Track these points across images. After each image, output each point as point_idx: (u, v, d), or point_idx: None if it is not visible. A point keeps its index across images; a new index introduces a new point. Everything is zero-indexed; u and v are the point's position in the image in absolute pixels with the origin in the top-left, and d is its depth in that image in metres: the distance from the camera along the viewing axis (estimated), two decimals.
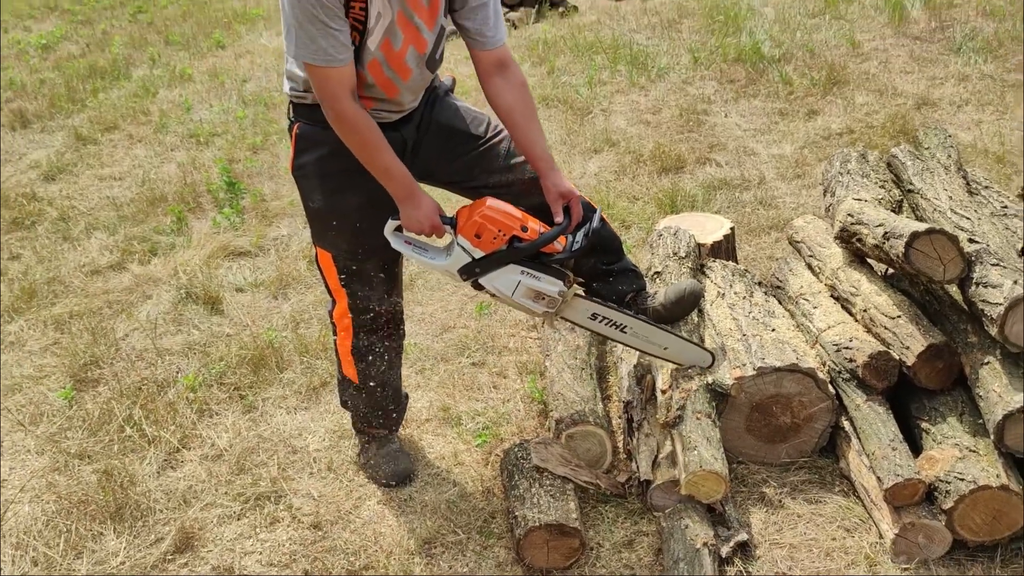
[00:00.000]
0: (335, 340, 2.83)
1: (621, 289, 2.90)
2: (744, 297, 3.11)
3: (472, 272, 2.49)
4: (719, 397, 2.72)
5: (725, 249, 3.57)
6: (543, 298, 2.51)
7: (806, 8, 7.72)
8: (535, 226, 2.46)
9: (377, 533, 2.73)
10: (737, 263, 3.53)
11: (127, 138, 6.57)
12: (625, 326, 2.67)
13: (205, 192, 5.37)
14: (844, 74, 6.14)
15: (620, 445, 2.95)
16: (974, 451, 2.42)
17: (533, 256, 2.48)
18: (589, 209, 2.65)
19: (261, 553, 2.70)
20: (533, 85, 6.34)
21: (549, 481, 2.69)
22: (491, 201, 2.46)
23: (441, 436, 3.14)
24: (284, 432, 3.20)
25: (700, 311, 3.04)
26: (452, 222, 2.48)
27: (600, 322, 2.67)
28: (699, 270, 3.29)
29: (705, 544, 2.39)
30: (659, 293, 2.91)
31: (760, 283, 3.27)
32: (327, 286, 2.74)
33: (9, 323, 4.10)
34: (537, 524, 2.51)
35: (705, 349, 2.74)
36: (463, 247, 2.46)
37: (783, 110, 5.77)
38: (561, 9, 8.95)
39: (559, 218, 2.53)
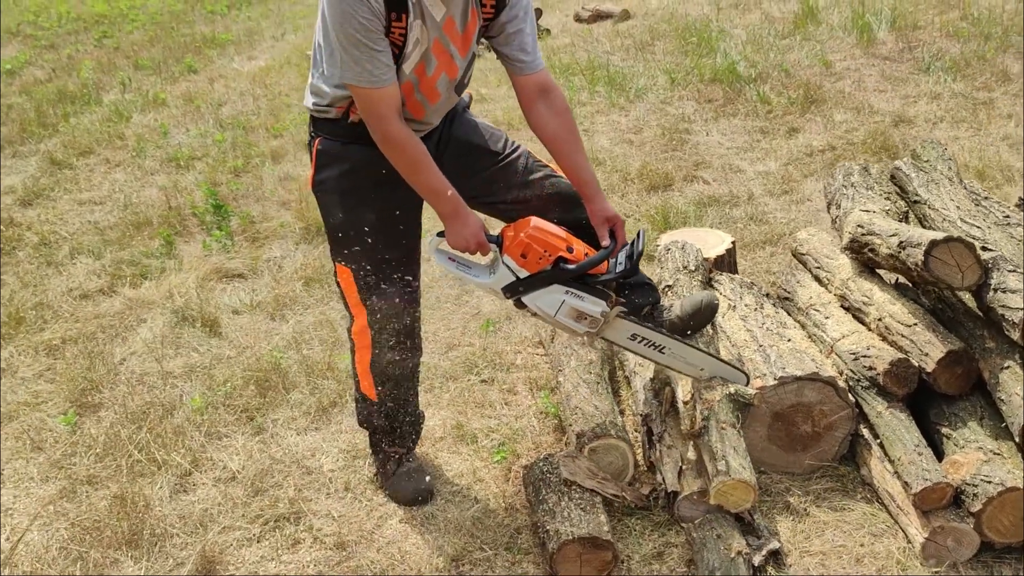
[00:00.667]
0: (353, 358, 2.81)
1: (637, 303, 2.90)
2: (755, 309, 3.15)
3: (516, 291, 2.50)
4: (741, 407, 2.75)
5: (727, 263, 3.62)
6: (586, 318, 2.51)
7: (776, 29, 7.88)
8: (580, 247, 2.48)
9: (403, 552, 2.70)
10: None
11: (104, 162, 6.48)
12: (664, 347, 2.69)
13: (191, 215, 5.31)
14: (820, 93, 6.27)
15: (640, 458, 2.95)
16: (998, 454, 2.47)
17: (578, 277, 2.48)
18: (572, 201, 2.68)
19: (286, 575, 2.66)
20: (512, 106, 6.38)
21: (578, 494, 2.68)
22: (536, 221, 2.47)
23: (457, 454, 3.12)
24: (297, 453, 3.16)
25: (712, 324, 3.06)
26: (498, 240, 2.49)
27: (640, 343, 2.68)
28: (708, 283, 3.33)
29: (739, 553, 2.40)
30: (675, 306, 2.92)
31: (767, 295, 3.31)
32: (345, 303, 2.73)
33: None
34: (571, 537, 2.50)
35: (740, 370, 2.74)
36: (508, 266, 2.47)
37: (764, 128, 5.87)
38: None
39: (605, 241, 2.56)
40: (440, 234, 2.54)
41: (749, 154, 5.50)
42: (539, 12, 9.26)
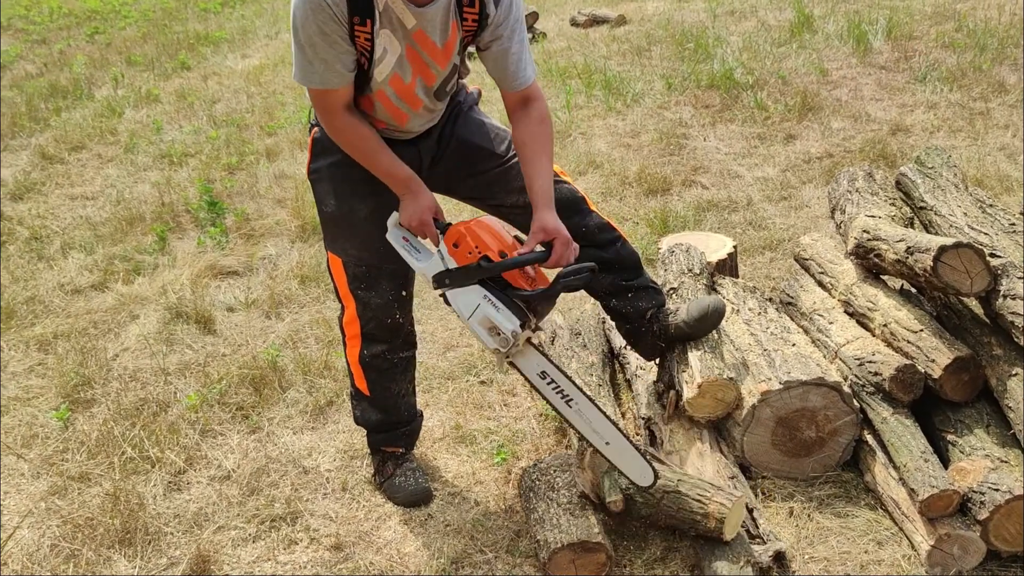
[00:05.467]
0: (345, 352, 2.81)
1: (641, 306, 2.89)
2: (759, 313, 3.12)
3: (443, 282, 2.41)
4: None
5: (729, 267, 3.60)
6: (497, 333, 2.34)
7: (772, 37, 7.88)
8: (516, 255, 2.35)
9: (401, 553, 2.67)
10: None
11: (96, 158, 6.42)
12: (572, 399, 2.47)
13: (184, 212, 5.26)
14: (817, 100, 6.26)
15: None
16: (1005, 461, 2.45)
17: (501, 284, 2.35)
18: (604, 230, 2.68)
19: None
20: None
21: (566, 499, 2.64)
22: (487, 218, 2.43)
23: (456, 455, 3.09)
24: (293, 452, 3.12)
25: (717, 328, 3.04)
26: (443, 228, 2.44)
27: (548, 383, 2.46)
28: (711, 287, 3.30)
29: (747, 560, 2.37)
30: (681, 310, 2.90)
31: (770, 299, 3.29)
32: (337, 292, 2.73)
33: None
34: (560, 545, 2.46)
35: (649, 464, 2.46)
36: (442, 254, 2.41)
37: (761, 134, 5.86)
38: (530, 35, 9.00)
39: (528, 248, 2.38)
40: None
41: (747, 160, 5.49)
42: (535, 16, 9.25)
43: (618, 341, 3.42)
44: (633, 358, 3.25)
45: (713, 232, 4.43)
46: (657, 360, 3.05)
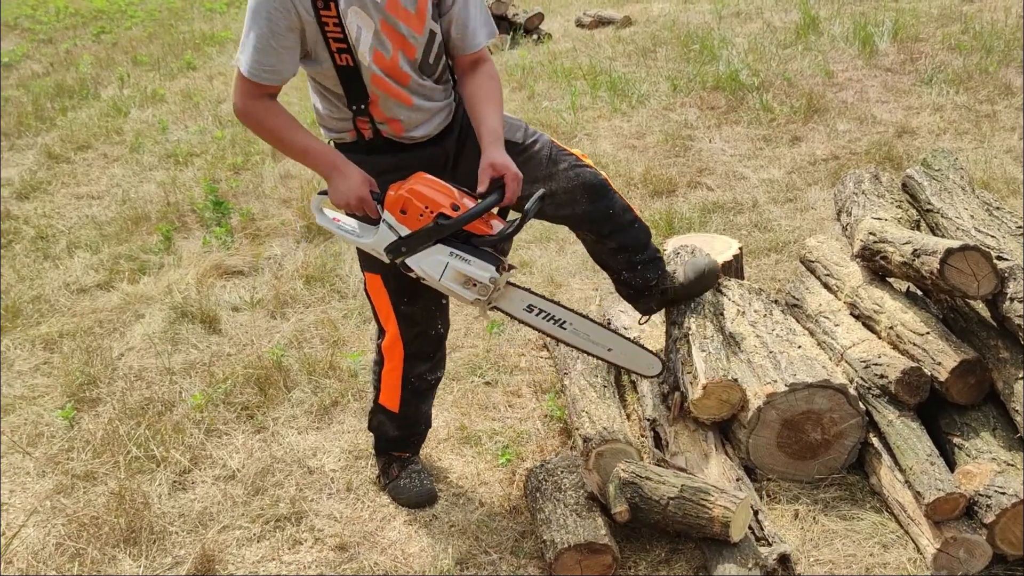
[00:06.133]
0: (379, 372, 2.78)
1: (648, 276, 2.95)
2: (764, 315, 3.12)
3: (398, 251, 2.34)
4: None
5: (734, 269, 3.59)
6: (474, 284, 2.33)
7: (777, 39, 7.87)
8: (470, 204, 2.31)
9: (406, 554, 2.66)
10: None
11: (102, 157, 6.44)
12: (564, 321, 2.52)
13: (190, 211, 5.27)
14: (823, 102, 6.25)
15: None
16: (1012, 465, 2.44)
17: (464, 237, 2.32)
18: (626, 211, 2.72)
19: None
20: (514, 110, 6.37)
21: (573, 500, 2.64)
22: (421, 175, 2.35)
23: (460, 456, 3.08)
24: (298, 452, 3.12)
25: (722, 329, 3.04)
26: (380, 198, 2.36)
27: (537, 315, 2.51)
28: (716, 288, 3.30)
29: (755, 562, 2.37)
30: (678, 272, 3.00)
31: (776, 301, 3.29)
32: (376, 316, 2.71)
33: None
34: (567, 546, 2.46)
35: (653, 354, 2.61)
36: (389, 223, 2.32)
37: (767, 136, 5.85)
38: (535, 36, 9.01)
39: (482, 188, 2.34)
40: (324, 192, 2.43)
41: (752, 161, 5.48)
42: (540, 16, 9.26)
43: None
44: None
45: (718, 234, 4.42)
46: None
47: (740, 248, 3.64)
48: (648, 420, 3.01)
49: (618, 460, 2.80)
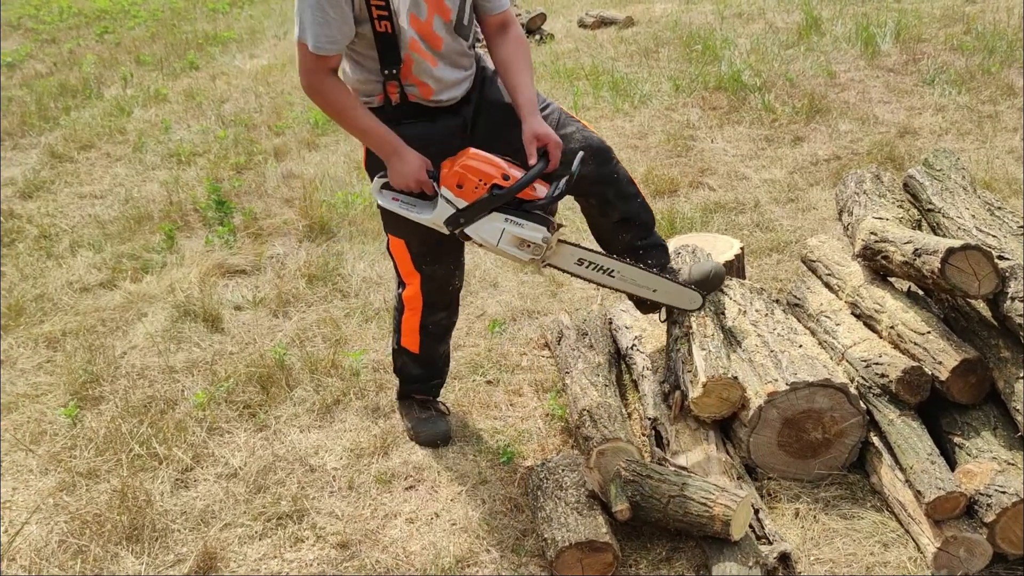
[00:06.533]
0: (400, 317, 3.00)
1: (651, 264, 2.99)
2: (765, 314, 3.12)
3: (457, 223, 2.55)
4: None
5: (736, 268, 3.60)
6: (528, 245, 2.56)
7: (779, 39, 7.87)
8: (517, 174, 2.51)
9: (407, 552, 2.67)
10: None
11: (105, 156, 6.45)
12: (612, 270, 2.75)
13: (192, 211, 5.28)
14: (825, 103, 6.26)
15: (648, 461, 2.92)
16: (1012, 464, 2.45)
17: (516, 204, 2.53)
18: (628, 183, 2.84)
19: (288, 574, 2.62)
20: None
21: (574, 498, 2.65)
22: (472, 151, 2.54)
23: (462, 454, 3.09)
24: (300, 451, 3.13)
25: (723, 328, 3.05)
26: (435, 176, 2.56)
27: (587, 267, 2.73)
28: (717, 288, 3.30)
29: (756, 560, 2.37)
30: (683, 270, 3.06)
31: (777, 301, 3.29)
32: (398, 271, 2.92)
33: None
34: (568, 544, 2.47)
35: (694, 290, 2.84)
36: (446, 198, 2.53)
37: (769, 136, 5.85)
38: (538, 36, 9.01)
39: (532, 160, 2.55)
40: (383, 175, 2.62)
41: (754, 162, 5.49)
42: (543, 17, 9.26)
43: (624, 342, 3.42)
44: (640, 359, 3.26)
45: (720, 233, 4.43)
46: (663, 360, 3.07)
47: (742, 248, 3.65)
48: (649, 419, 3.01)
49: (619, 459, 2.80)
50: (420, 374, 3.11)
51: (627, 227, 2.92)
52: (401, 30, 2.46)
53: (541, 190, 2.55)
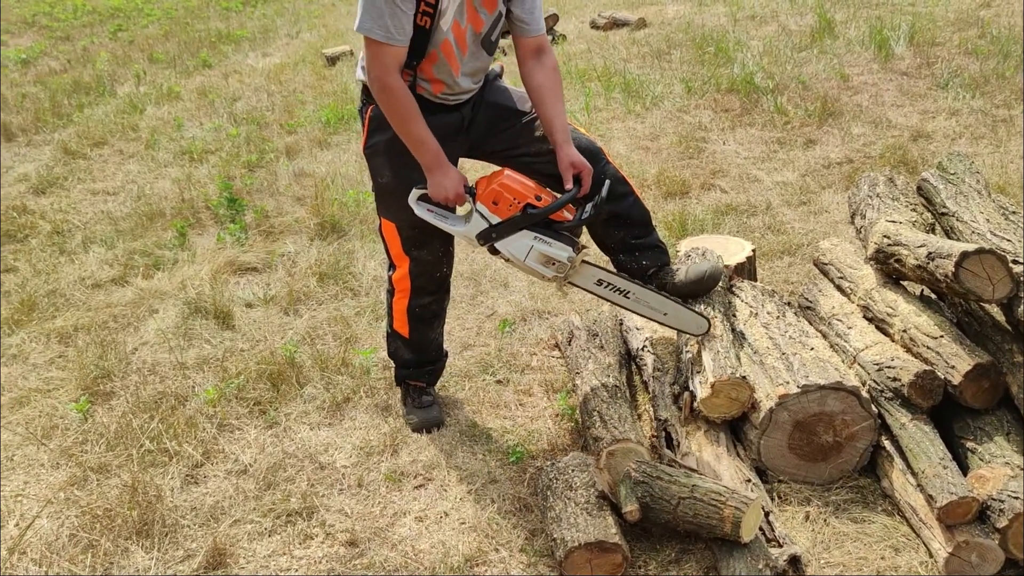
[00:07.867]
0: (391, 300, 3.10)
1: (645, 264, 3.09)
2: (777, 317, 3.11)
3: (489, 237, 2.70)
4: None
5: (747, 270, 3.59)
6: (553, 263, 2.70)
7: (792, 42, 7.86)
8: (548, 197, 2.67)
9: (416, 550, 2.67)
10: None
11: (117, 153, 6.47)
12: (629, 292, 2.87)
13: (204, 208, 5.29)
14: (838, 106, 6.24)
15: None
16: None
17: (545, 223, 2.68)
18: (619, 183, 2.93)
19: (297, 571, 2.62)
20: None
21: (584, 498, 2.65)
22: (508, 172, 2.69)
23: (472, 453, 3.09)
24: (309, 448, 3.13)
25: (734, 330, 3.04)
26: (471, 191, 2.70)
27: (605, 288, 2.85)
28: (728, 289, 3.30)
29: (766, 563, 2.37)
30: (680, 271, 3.11)
31: (789, 304, 3.28)
32: (388, 253, 3.01)
33: (10, 336, 3.98)
34: (577, 544, 2.46)
35: (702, 316, 2.91)
36: (481, 213, 2.68)
37: (781, 139, 5.84)
38: (550, 38, 9.01)
39: (568, 185, 2.72)
40: (421, 186, 2.73)
41: (766, 164, 5.47)
42: (555, 18, 9.26)
43: (635, 343, 3.42)
44: (650, 360, 3.25)
45: (732, 236, 4.42)
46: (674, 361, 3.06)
47: (753, 250, 3.64)
48: (660, 420, 3.00)
49: (629, 460, 2.80)
50: (411, 359, 3.19)
51: (619, 224, 3.00)
52: (438, 29, 2.57)
53: (568, 213, 2.70)
